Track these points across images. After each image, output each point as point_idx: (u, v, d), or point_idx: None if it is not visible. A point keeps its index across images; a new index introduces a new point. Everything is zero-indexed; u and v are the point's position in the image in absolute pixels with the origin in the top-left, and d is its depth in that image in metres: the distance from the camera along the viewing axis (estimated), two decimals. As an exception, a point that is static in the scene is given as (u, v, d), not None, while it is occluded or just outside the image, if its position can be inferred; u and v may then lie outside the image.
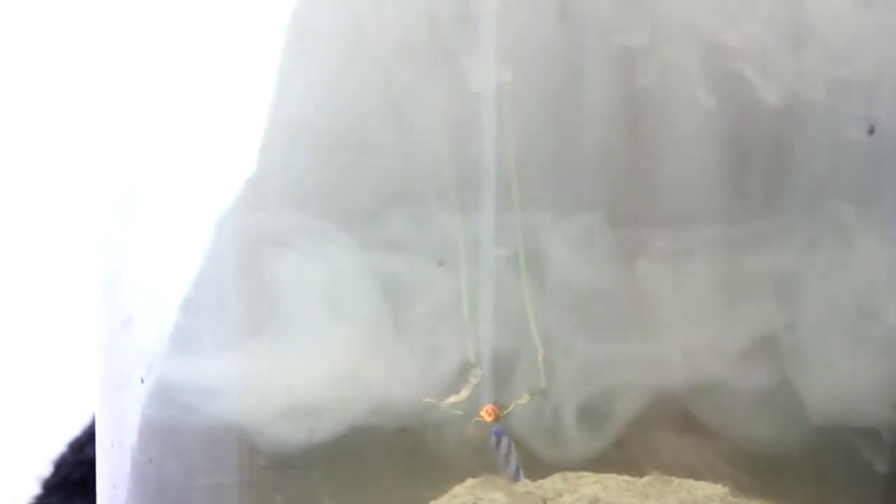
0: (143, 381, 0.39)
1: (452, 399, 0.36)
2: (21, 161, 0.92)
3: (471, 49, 0.36)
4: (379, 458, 0.37)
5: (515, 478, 0.36)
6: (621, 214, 0.36)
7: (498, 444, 0.36)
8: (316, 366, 0.37)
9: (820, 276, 0.36)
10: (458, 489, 0.36)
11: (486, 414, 0.36)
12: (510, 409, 0.36)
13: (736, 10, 0.36)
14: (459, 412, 0.36)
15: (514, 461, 0.36)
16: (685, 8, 0.36)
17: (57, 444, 0.66)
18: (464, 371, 0.36)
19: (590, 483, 0.35)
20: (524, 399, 0.36)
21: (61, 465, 0.65)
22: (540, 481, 0.36)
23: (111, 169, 0.40)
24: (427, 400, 0.36)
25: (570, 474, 0.36)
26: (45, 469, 0.65)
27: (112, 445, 0.40)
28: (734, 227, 0.36)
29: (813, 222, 0.36)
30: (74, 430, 0.66)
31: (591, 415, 0.36)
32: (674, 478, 0.36)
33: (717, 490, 0.36)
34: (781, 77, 0.36)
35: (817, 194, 0.36)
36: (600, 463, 0.36)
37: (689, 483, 0.36)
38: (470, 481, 0.36)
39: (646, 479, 0.36)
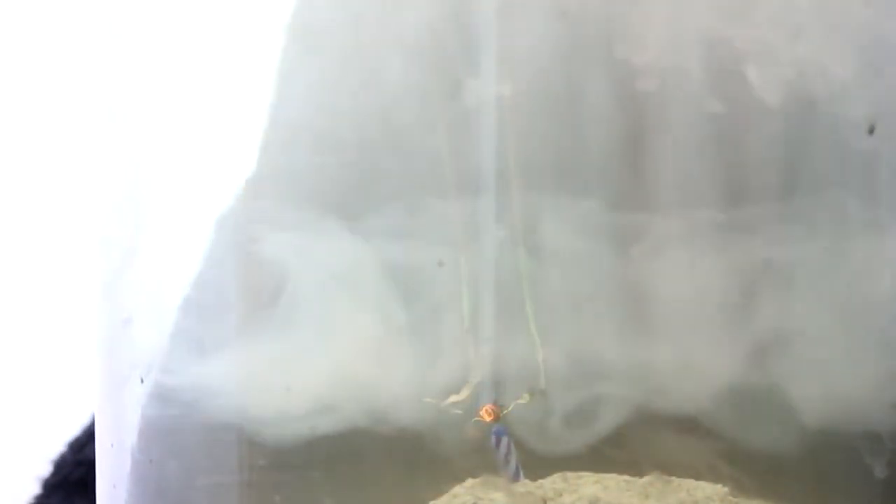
0: (143, 381, 0.39)
1: (452, 399, 0.36)
2: (21, 161, 0.92)
3: (470, 49, 0.36)
4: (379, 458, 0.37)
5: (515, 478, 0.36)
6: (622, 211, 0.36)
7: (498, 444, 0.36)
8: (316, 366, 0.37)
9: (820, 276, 0.36)
10: (458, 489, 0.36)
11: (486, 414, 0.36)
12: (510, 408, 0.36)
13: (735, 11, 0.36)
14: (459, 412, 0.36)
15: (514, 461, 0.36)
16: (684, 8, 0.36)
17: (57, 444, 0.66)
18: (464, 371, 0.36)
19: (590, 483, 0.35)
20: (524, 399, 0.36)
21: (61, 465, 0.65)
22: (540, 481, 0.36)
23: (111, 169, 0.40)
24: (427, 400, 0.36)
25: (570, 474, 0.36)
26: (45, 469, 0.65)
27: (112, 445, 0.40)
28: (735, 227, 0.36)
29: (813, 222, 0.36)
30: (74, 430, 0.66)
31: (590, 411, 0.36)
32: (674, 478, 0.36)
33: (717, 490, 0.36)
34: (781, 76, 0.36)
35: (817, 193, 0.36)
36: (600, 463, 0.36)
37: (689, 483, 0.36)
38: (470, 481, 0.36)
39: (646, 479, 0.36)
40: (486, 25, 0.36)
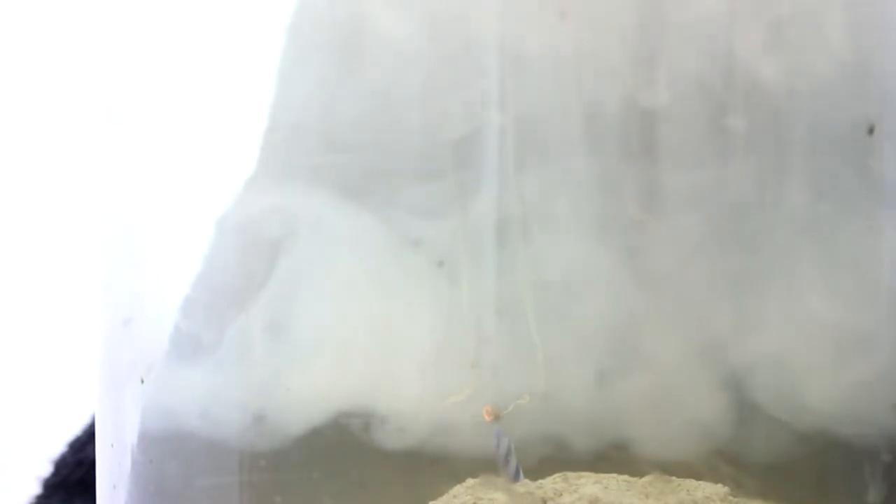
0: (143, 382, 0.39)
1: (453, 399, 0.36)
2: (21, 161, 0.92)
3: (471, 49, 0.36)
4: (379, 457, 0.37)
5: (515, 478, 0.36)
6: (623, 208, 0.36)
7: (498, 444, 0.36)
8: (316, 366, 0.37)
9: (820, 275, 0.36)
10: (458, 489, 0.36)
11: (486, 414, 0.36)
12: (510, 409, 0.36)
13: (737, 10, 0.36)
14: (459, 412, 0.36)
15: (513, 461, 0.36)
16: (685, 6, 0.36)
17: (57, 444, 0.66)
18: (464, 371, 0.36)
19: (590, 483, 0.35)
20: (524, 399, 0.36)
21: (61, 465, 0.65)
22: (540, 481, 0.36)
23: (111, 169, 0.40)
24: (428, 400, 0.36)
25: (570, 474, 0.36)
26: (45, 469, 0.65)
27: (112, 445, 0.40)
28: (736, 226, 0.36)
29: (814, 220, 0.36)
30: (74, 430, 0.66)
31: (589, 410, 0.36)
32: (674, 478, 0.36)
33: (717, 490, 0.36)
34: (781, 76, 0.36)
35: (817, 190, 0.36)
36: (600, 463, 0.36)
37: (689, 483, 0.36)
38: (470, 481, 0.36)
39: (646, 479, 0.36)
40: (486, 25, 0.36)
